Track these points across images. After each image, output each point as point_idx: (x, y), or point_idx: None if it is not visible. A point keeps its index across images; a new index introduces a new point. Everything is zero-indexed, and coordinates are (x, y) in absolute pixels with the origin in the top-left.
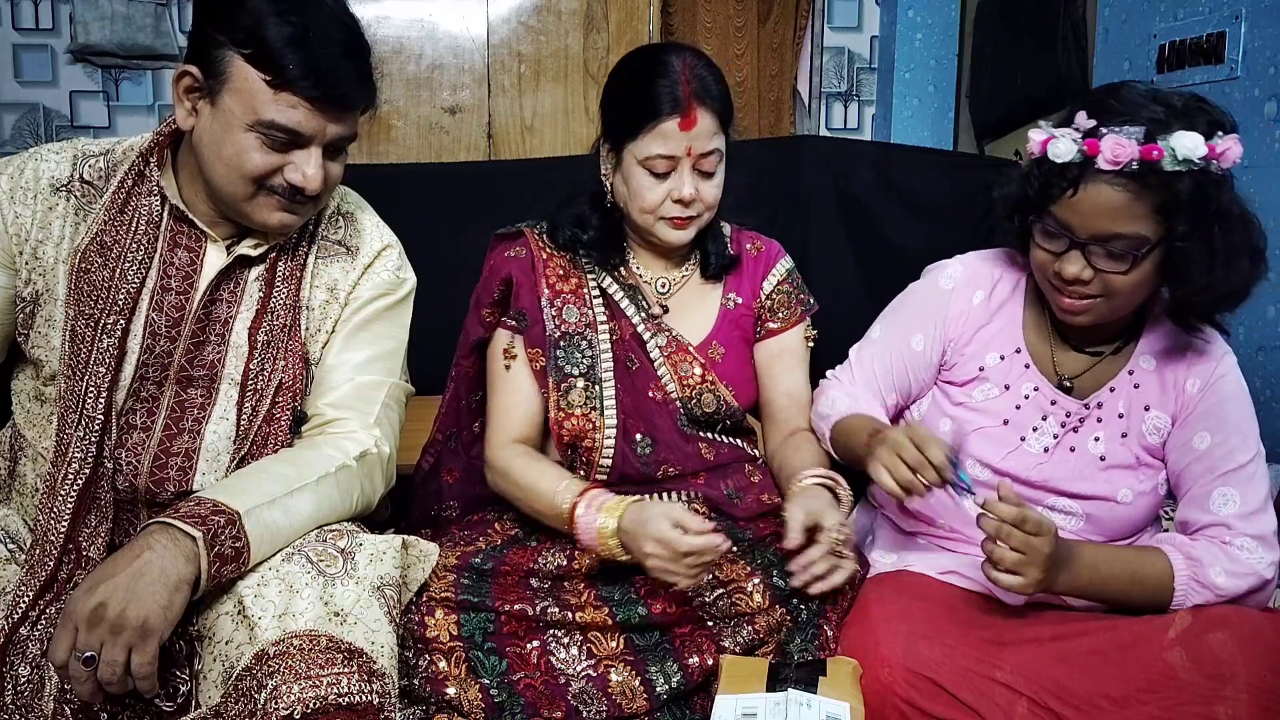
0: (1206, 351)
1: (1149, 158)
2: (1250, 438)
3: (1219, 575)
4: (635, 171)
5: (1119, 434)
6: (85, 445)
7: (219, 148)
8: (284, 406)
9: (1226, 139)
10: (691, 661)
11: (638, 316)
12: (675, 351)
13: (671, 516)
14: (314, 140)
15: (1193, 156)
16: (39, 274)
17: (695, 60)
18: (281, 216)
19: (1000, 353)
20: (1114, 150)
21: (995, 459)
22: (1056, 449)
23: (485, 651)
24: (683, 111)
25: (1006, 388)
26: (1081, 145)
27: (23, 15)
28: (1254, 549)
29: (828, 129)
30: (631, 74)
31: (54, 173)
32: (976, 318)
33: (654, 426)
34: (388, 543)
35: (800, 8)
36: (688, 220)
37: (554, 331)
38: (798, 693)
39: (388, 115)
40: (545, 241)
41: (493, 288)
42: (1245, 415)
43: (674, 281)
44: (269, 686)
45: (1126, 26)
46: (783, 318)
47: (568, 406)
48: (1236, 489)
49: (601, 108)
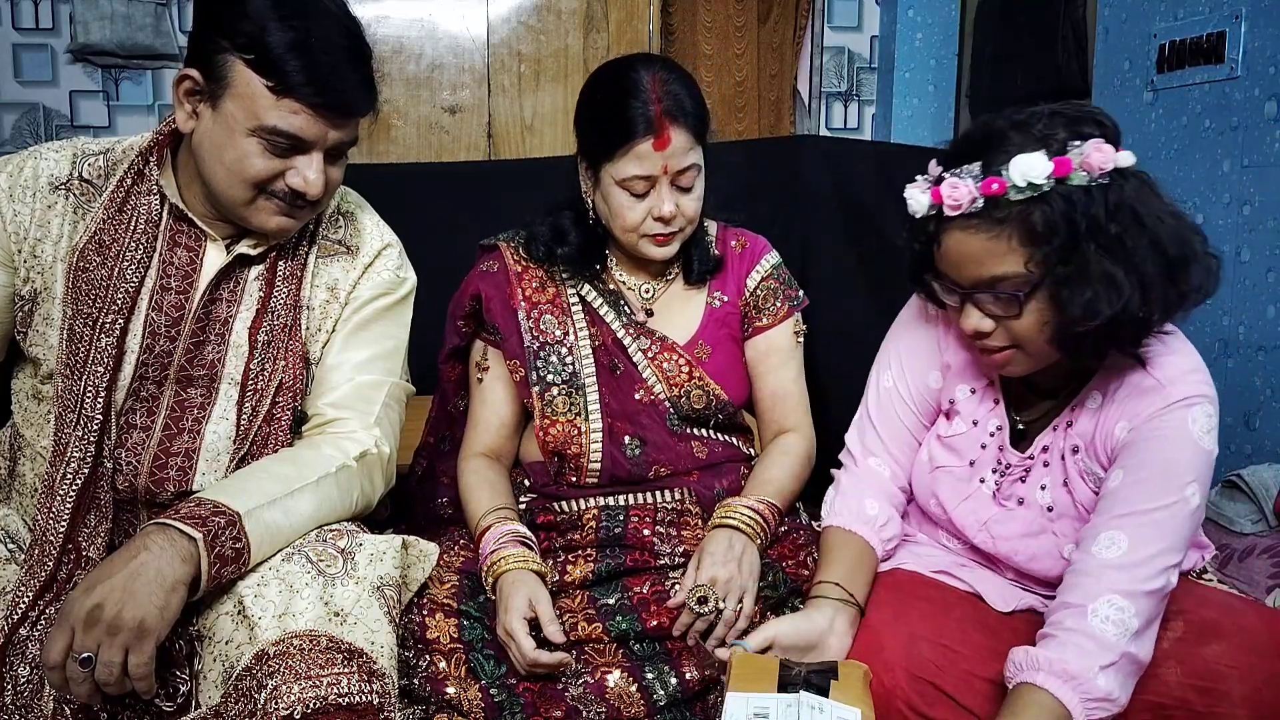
0: (1150, 394)
1: (990, 193)
2: (1171, 485)
3: (1099, 678)
4: (614, 192)
5: (1061, 480)
6: (84, 444)
7: (220, 152)
8: (284, 406)
9: (1086, 146)
10: (688, 673)
11: (618, 322)
12: (660, 352)
13: (525, 612)
14: (316, 146)
15: (1036, 179)
16: (37, 272)
17: (666, 75)
18: (280, 221)
19: (971, 385)
20: (951, 195)
21: (952, 505)
22: (1008, 500)
23: (485, 656)
24: (656, 132)
25: (975, 423)
26: (929, 195)
27: (23, 15)
28: (1123, 608)
29: (828, 129)
30: (603, 94)
31: (53, 171)
32: (953, 346)
33: (642, 427)
34: (388, 543)
35: (800, 8)
36: (670, 236)
37: (532, 342)
38: (809, 695)
39: (388, 115)
40: (521, 254)
41: (464, 302)
42: (1172, 459)
43: (658, 287)
44: (269, 686)
45: (1126, 26)
46: (769, 314)
47: (552, 414)
48: (1127, 534)
49: (576, 127)
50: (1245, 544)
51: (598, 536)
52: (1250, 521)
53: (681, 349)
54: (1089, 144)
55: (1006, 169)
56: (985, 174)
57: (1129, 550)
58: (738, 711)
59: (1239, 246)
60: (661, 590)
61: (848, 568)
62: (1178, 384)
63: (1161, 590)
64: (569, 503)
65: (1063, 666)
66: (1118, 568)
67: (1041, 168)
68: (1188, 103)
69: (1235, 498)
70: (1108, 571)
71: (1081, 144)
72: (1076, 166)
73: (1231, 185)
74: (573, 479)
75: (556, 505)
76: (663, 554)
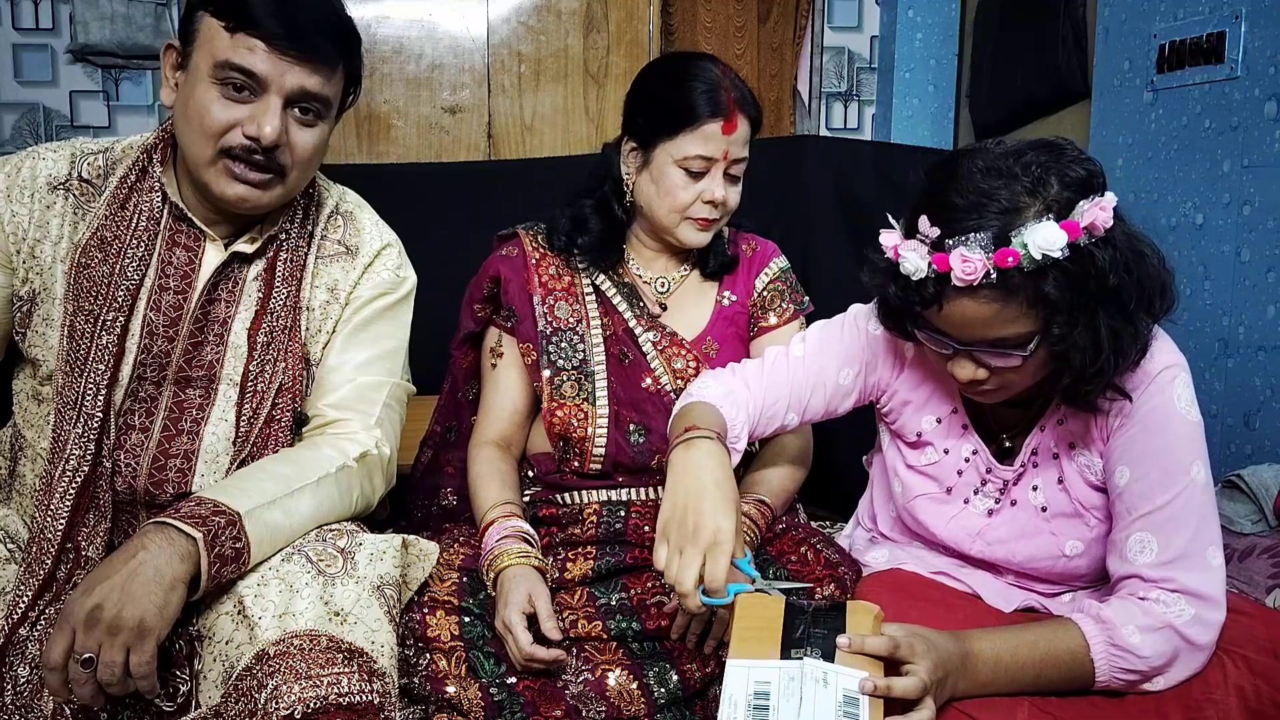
0: (1133, 372)
1: (1005, 265)
2: (1175, 471)
3: (1132, 634)
4: (669, 171)
5: (1055, 479)
6: (83, 444)
7: (185, 109)
8: (284, 408)
9: (1089, 206)
10: (689, 669)
11: (630, 313)
12: (669, 346)
13: (524, 607)
14: (272, 87)
15: (1051, 251)
16: (36, 273)
17: (733, 72)
18: (239, 189)
19: (937, 415)
20: (963, 268)
21: (939, 529)
22: (1000, 510)
23: (485, 654)
24: (726, 115)
25: (946, 452)
26: (931, 261)
27: (23, 15)
28: (1171, 602)
29: (828, 129)
30: (671, 74)
31: (51, 171)
32: (910, 378)
33: (648, 416)
34: (388, 542)
35: (800, 8)
36: (711, 222)
37: (545, 327)
38: (814, 663)
39: (388, 115)
40: (540, 242)
41: (483, 284)
42: (1170, 445)
43: (673, 281)
44: (269, 686)
45: (1126, 26)
46: (776, 313)
47: (560, 397)
48: (1154, 534)
49: (631, 107)
50: (1245, 544)
51: (598, 533)
52: (1250, 521)
53: (689, 345)
54: (1092, 204)
55: (1021, 236)
56: (997, 244)
57: (1161, 549)
58: (738, 686)
59: (1239, 246)
60: (661, 590)
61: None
62: (1152, 354)
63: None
64: (572, 494)
65: (1097, 611)
66: (1156, 567)
67: (1058, 239)
68: (1188, 103)
69: (1235, 498)
70: (1149, 572)
71: (1084, 203)
72: (1084, 230)
73: (1231, 185)
74: (576, 464)
75: (559, 497)
76: None
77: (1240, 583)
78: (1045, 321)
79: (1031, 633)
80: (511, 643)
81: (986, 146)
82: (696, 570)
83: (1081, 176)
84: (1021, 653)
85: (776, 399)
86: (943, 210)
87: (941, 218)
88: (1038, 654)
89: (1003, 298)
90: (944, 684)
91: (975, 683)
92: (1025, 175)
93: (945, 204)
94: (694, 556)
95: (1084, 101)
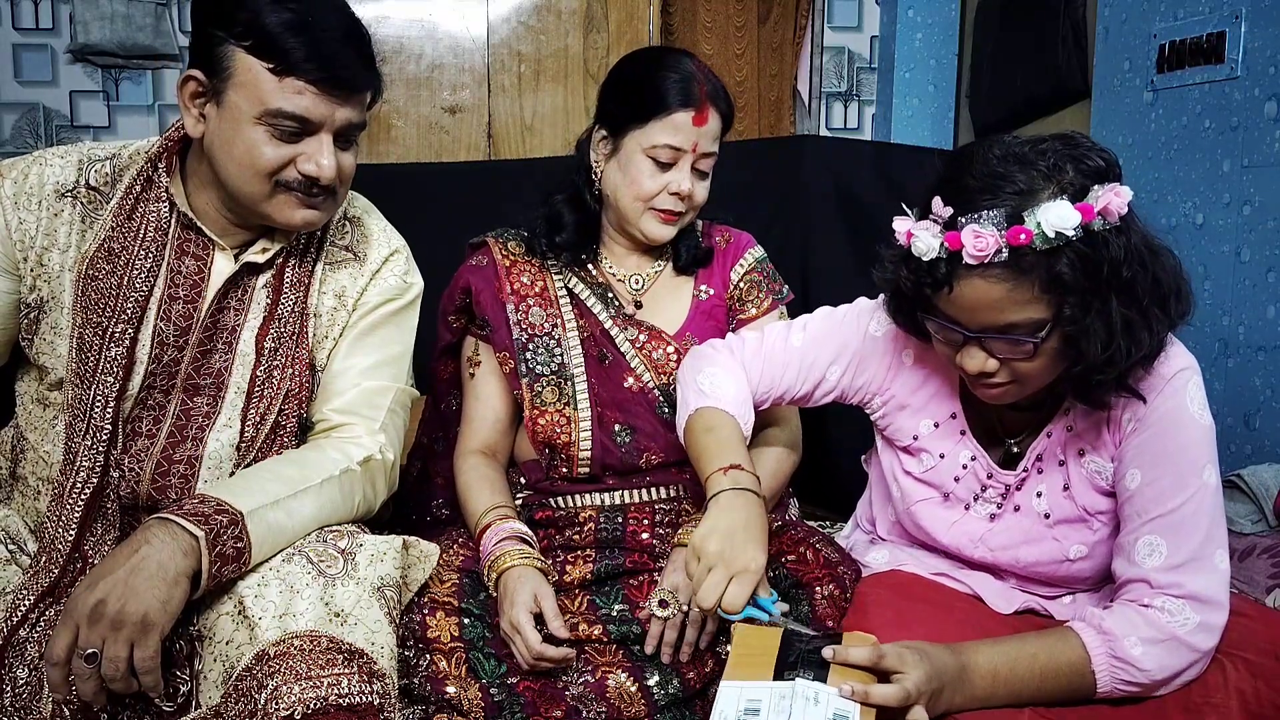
0: (1145, 375)
1: (1017, 243)
2: (1187, 475)
3: (1134, 646)
4: (636, 159)
5: (1060, 485)
6: (93, 455)
7: (230, 147)
8: (290, 414)
9: (1104, 191)
10: (689, 672)
11: (605, 314)
12: (649, 341)
13: (531, 607)
14: (323, 126)
15: (1065, 229)
16: (44, 280)
17: (707, 68)
18: (305, 214)
19: (935, 419)
20: (975, 244)
21: (941, 534)
22: (1002, 516)
23: (485, 655)
24: (698, 106)
25: (942, 456)
26: (943, 240)
27: (23, 15)
28: (1176, 610)
29: (828, 129)
30: (645, 64)
31: (59, 178)
32: (908, 381)
33: (632, 415)
34: (388, 543)
35: (800, 8)
36: (675, 216)
37: (521, 335)
38: (805, 683)
39: (388, 115)
40: (509, 249)
41: (455, 296)
42: (1183, 448)
43: (647, 277)
44: (269, 687)
45: (1126, 26)
46: (754, 304)
47: (541, 404)
48: (1164, 537)
49: (605, 94)
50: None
51: (596, 537)
52: (1250, 521)
53: (670, 338)
54: (1107, 189)
55: (1034, 215)
56: (1010, 222)
57: (1170, 552)
58: (729, 704)
59: (1239, 246)
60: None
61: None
62: (1165, 356)
63: (1216, 574)
64: (564, 498)
65: (1099, 621)
66: (1165, 570)
67: (1071, 217)
68: (1188, 103)
69: (1235, 498)
70: (1156, 576)
71: (1099, 188)
72: (1098, 213)
73: (1231, 185)
74: (564, 470)
75: (552, 501)
76: (661, 556)
77: (1240, 583)
78: (1057, 307)
79: (1031, 644)
80: (520, 642)
81: (1003, 138)
82: (721, 590)
83: (1099, 166)
84: (1021, 665)
85: (771, 387)
86: (957, 191)
87: (955, 199)
88: (1038, 666)
89: (1014, 278)
90: (939, 696)
91: (973, 696)
92: (1041, 161)
93: (960, 186)
94: (722, 578)
95: (1084, 101)
